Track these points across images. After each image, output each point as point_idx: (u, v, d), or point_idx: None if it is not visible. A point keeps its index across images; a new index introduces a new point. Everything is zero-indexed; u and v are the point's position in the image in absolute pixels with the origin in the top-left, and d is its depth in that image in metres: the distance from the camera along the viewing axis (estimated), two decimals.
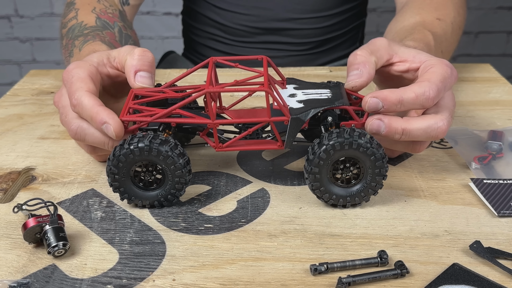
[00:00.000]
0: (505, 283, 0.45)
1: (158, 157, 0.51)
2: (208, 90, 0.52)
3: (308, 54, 1.04)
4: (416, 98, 0.52)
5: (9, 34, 2.04)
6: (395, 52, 0.59)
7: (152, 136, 0.51)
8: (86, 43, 0.71)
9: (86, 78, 0.56)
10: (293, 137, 0.54)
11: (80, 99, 0.54)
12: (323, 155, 0.51)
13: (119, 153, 0.51)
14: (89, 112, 0.53)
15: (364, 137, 0.51)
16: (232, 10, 1.00)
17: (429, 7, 0.80)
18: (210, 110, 0.53)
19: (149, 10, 1.96)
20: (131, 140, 0.51)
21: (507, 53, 2.04)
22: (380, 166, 0.52)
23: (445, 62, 0.57)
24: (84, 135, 0.56)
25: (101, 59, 0.60)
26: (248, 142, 0.56)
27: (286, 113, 0.53)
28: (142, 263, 0.48)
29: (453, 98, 0.58)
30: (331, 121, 0.55)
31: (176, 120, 0.54)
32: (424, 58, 0.57)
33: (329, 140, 0.51)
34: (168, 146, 0.51)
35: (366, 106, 0.53)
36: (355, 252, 0.49)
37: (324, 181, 0.53)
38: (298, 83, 0.59)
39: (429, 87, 0.53)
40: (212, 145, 0.55)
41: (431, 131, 0.54)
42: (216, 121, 0.53)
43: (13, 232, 0.52)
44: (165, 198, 0.54)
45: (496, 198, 0.55)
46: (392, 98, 0.52)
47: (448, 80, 0.55)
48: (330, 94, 0.56)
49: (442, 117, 0.54)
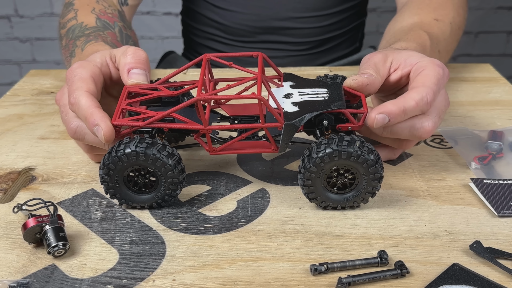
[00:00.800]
0: (505, 283, 0.44)
1: (147, 161, 0.51)
2: (199, 98, 0.51)
3: (308, 53, 1.04)
4: (416, 105, 0.53)
5: (9, 34, 2.04)
6: (389, 63, 0.59)
7: (138, 140, 0.51)
8: (89, 43, 0.71)
9: (87, 79, 0.56)
10: (287, 142, 0.53)
11: (77, 99, 0.54)
12: (313, 168, 0.51)
13: (108, 161, 0.51)
14: (84, 112, 0.53)
15: (353, 145, 0.50)
16: (231, 9, 1.00)
17: (428, 7, 0.80)
18: (202, 116, 0.52)
19: (149, 10, 1.96)
20: (118, 147, 0.51)
21: (507, 53, 2.04)
22: (374, 171, 0.51)
23: (436, 62, 0.57)
24: (84, 135, 0.56)
25: (104, 59, 0.60)
26: (242, 145, 0.55)
27: (280, 119, 0.52)
28: (142, 263, 0.48)
29: (445, 97, 0.58)
30: (326, 125, 0.54)
31: (168, 126, 0.53)
32: (415, 60, 0.57)
33: (317, 153, 0.50)
34: (155, 148, 0.51)
35: (374, 124, 0.52)
36: (355, 252, 0.48)
37: (320, 191, 0.52)
38: (295, 80, 0.59)
39: (426, 92, 0.53)
40: (206, 149, 0.55)
41: (415, 131, 0.54)
42: (209, 127, 0.53)
43: (13, 232, 0.52)
44: (162, 199, 0.54)
45: (496, 198, 0.54)
46: (396, 110, 0.52)
47: (441, 81, 0.55)
48: (327, 94, 0.56)
49: (428, 118, 0.54)
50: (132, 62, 0.57)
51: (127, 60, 0.57)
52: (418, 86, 0.54)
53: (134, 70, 0.57)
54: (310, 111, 0.53)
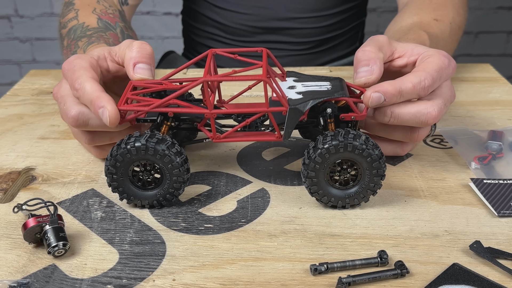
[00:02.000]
0: (505, 283, 0.44)
1: (155, 156, 0.51)
2: (205, 78, 0.52)
3: (308, 53, 1.04)
4: (413, 88, 0.53)
5: (9, 34, 2.04)
6: (394, 48, 0.59)
7: (149, 135, 0.51)
8: (91, 44, 0.71)
9: (88, 67, 0.56)
10: (291, 128, 0.53)
11: (83, 84, 0.54)
12: (318, 159, 0.51)
13: (116, 153, 0.51)
14: (89, 96, 0.53)
15: (359, 138, 0.50)
16: (232, 9, 1.00)
17: (428, 7, 0.81)
18: (208, 99, 0.53)
19: (149, 10, 1.96)
20: (128, 140, 0.51)
21: (507, 53, 2.04)
22: (378, 166, 0.51)
23: (442, 53, 0.57)
24: (87, 120, 0.55)
25: (102, 53, 0.60)
26: (246, 134, 0.56)
27: (285, 103, 0.52)
28: (142, 263, 0.48)
29: (451, 89, 0.58)
30: (330, 112, 0.54)
31: (173, 110, 0.53)
32: (422, 50, 0.58)
33: (324, 144, 0.51)
34: (165, 145, 0.51)
35: (369, 102, 0.53)
36: (355, 252, 0.49)
37: (322, 184, 0.53)
38: (298, 76, 0.59)
39: (424, 77, 0.53)
40: (210, 136, 0.55)
41: (421, 116, 0.54)
42: (214, 111, 0.53)
43: (13, 232, 0.52)
44: (164, 198, 0.54)
45: (496, 198, 0.55)
46: (392, 90, 0.53)
47: (445, 70, 0.55)
48: (330, 86, 0.56)
49: (434, 104, 0.54)
50: (138, 56, 0.57)
51: (133, 54, 0.57)
52: (418, 70, 0.54)
53: (140, 64, 0.57)
54: (314, 98, 0.53)
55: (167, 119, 0.55)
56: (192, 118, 0.57)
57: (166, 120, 0.55)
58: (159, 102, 0.53)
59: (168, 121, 0.55)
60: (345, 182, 0.53)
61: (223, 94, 0.63)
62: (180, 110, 0.53)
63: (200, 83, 0.52)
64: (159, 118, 0.55)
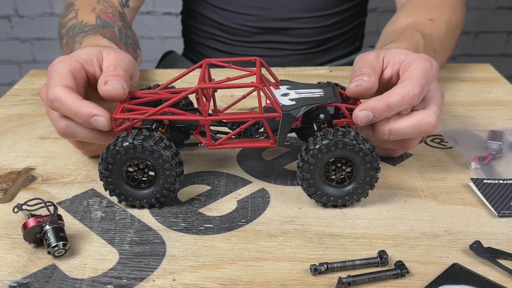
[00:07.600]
0: (505, 283, 0.45)
1: (144, 153, 0.51)
2: (200, 86, 0.52)
3: (308, 53, 1.04)
4: (402, 99, 0.53)
5: (9, 34, 2.04)
6: (381, 60, 0.59)
7: (136, 134, 0.52)
8: (87, 37, 0.71)
9: (66, 74, 0.55)
10: (285, 133, 0.54)
11: (56, 95, 0.53)
12: (311, 160, 0.51)
13: (106, 155, 0.52)
14: (71, 108, 0.53)
15: (348, 134, 0.51)
16: (231, 10, 1.00)
17: (424, 8, 0.81)
18: (202, 106, 0.53)
19: (149, 10, 1.96)
20: (116, 141, 0.52)
21: (507, 53, 2.04)
22: (371, 160, 0.51)
23: (423, 56, 0.57)
24: (74, 132, 0.55)
25: (91, 57, 0.59)
26: (241, 141, 0.56)
27: (278, 109, 0.53)
28: (142, 263, 0.48)
29: (439, 89, 0.58)
30: (323, 118, 0.55)
31: (168, 117, 0.54)
32: (403, 57, 0.58)
33: (315, 144, 0.51)
34: (152, 140, 0.51)
35: (358, 120, 0.53)
36: (355, 252, 0.49)
37: (319, 185, 0.53)
38: (291, 84, 0.60)
39: (412, 85, 0.53)
40: (205, 143, 0.55)
41: (420, 127, 0.54)
42: (208, 118, 0.53)
43: (13, 232, 0.52)
44: (161, 194, 0.54)
45: (496, 198, 0.55)
46: (380, 105, 0.52)
47: (429, 73, 0.55)
48: (322, 93, 0.57)
49: (430, 112, 0.54)
50: (108, 74, 0.56)
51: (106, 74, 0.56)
52: (404, 80, 0.54)
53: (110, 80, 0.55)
54: (307, 104, 0.54)
55: (163, 127, 0.56)
56: (187, 125, 0.58)
57: (161, 127, 0.56)
58: (154, 110, 0.53)
59: (163, 128, 0.56)
60: (342, 180, 0.53)
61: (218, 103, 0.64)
62: (175, 118, 0.54)
63: (195, 90, 0.53)
64: (154, 126, 0.56)
